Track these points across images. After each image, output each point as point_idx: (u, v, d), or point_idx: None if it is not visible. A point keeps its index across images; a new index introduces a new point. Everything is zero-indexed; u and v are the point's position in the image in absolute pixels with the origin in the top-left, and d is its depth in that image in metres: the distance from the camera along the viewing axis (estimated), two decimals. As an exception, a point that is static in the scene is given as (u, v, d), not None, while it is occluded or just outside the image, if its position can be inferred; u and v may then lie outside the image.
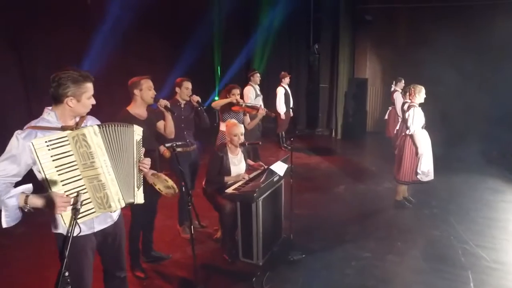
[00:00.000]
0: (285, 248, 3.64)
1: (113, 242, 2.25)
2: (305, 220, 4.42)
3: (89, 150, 1.90)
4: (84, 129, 1.90)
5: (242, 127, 3.63)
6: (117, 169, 2.01)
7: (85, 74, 1.99)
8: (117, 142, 2.03)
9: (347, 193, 5.36)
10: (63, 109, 1.97)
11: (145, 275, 3.28)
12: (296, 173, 6.21)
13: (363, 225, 4.25)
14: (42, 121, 1.95)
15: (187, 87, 3.77)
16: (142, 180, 2.23)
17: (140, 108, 3.07)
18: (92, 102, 2.04)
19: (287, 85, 7.55)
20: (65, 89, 1.92)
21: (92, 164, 1.92)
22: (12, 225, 1.76)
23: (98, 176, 1.93)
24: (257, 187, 3.14)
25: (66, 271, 1.62)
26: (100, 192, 1.96)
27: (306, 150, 7.84)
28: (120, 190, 2.01)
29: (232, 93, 4.43)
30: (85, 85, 1.98)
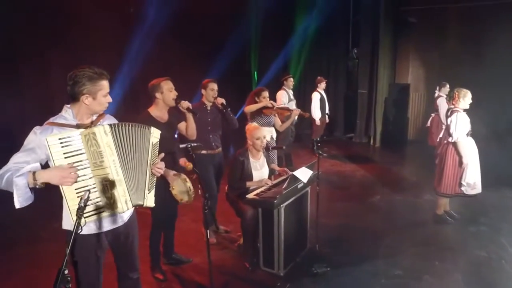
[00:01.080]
0: (310, 259, 3.45)
1: (125, 242, 2.23)
2: (334, 230, 4.18)
3: (99, 149, 1.88)
4: (95, 128, 1.89)
5: (264, 130, 3.51)
6: (127, 170, 1.97)
7: (100, 71, 1.99)
8: (130, 142, 2.00)
9: (383, 203, 5.01)
10: (80, 106, 1.98)
11: (164, 278, 3.25)
12: (329, 181, 6.01)
13: (398, 240, 3.92)
14: (59, 118, 1.98)
15: (212, 88, 3.73)
16: (154, 183, 2.19)
17: (161, 110, 3.05)
18: (108, 100, 2.04)
19: (323, 90, 7.33)
20: (80, 86, 1.93)
21: (101, 164, 1.90)
22: (24, 205, 1.76)
23: (107, 176, 1.91)
24: (278, 194, 3.00)
25: (66, 269, 1.60)
26: (108, 192, 1.93)
27: (342, 158, 7.53)
28: (128, 192, 1.96)
29: (263, 96, 4.35)
30: (101, 83, 1.98)
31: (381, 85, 8.37)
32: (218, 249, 3.82)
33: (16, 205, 1.75)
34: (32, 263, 3.47)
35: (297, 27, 9.27)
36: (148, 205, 2.11)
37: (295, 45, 9.47)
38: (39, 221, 4.14)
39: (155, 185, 2.81)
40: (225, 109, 3.72)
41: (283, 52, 9.64)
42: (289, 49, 9.61)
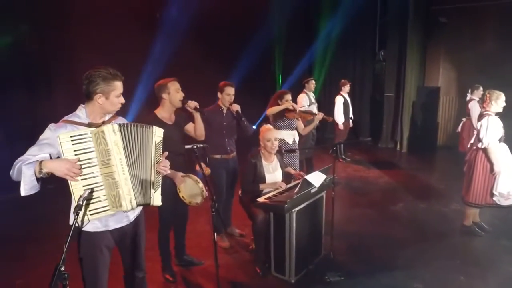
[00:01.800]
0: (323, 267, 3.31)
1: (131, 242, 2.24)
2: (351, 237, 4.02)
3: (107, 147, 1.91)
4: (104, 127, 1.92)
5: (276, 132, 3.42)
6: (133, 169, 2.00)
7: (114, 72, 2.02)
8: (136, 142, 2.02)
9: (405, 212, 4.76)
10: (93, 106, 2.02)
11: (174, 279, 3.24)
12: (351, 186, 5.81)
13: (419, 251, 3.69)
14: (73, 116, 2.03)
15: (229, 93, 3.65)
16: (160, 182, 2.19)
17: (168, 111, 3.02)
18: (121, 101, 2.07)
19: (346, 94, 7.13)
20: (94, 86, 1.97)
21: (108, 162, 1.93)
22: (29, 193, 1.79)
23: (113, 174, 1.94)
24: (289, 198, 2.91)
25: (63, 266, 1.61)
26: (114, 191, 1.95)
27: (366, 163, 7.27)
28: (133, 190, 1.98)
29: (285, 99, 4.27)
30: (114, 83, 2.01)
31: (409, 88, 8.02)
32: (231, 252, 3.77)
33: (21, 192, 1.78)
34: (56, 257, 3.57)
35: (322, 28, 9.11)
36: (154, 204, 2.13)
37: (320, 47, 9.31)
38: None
39: (163, 185, 2.82)
40: (240, 117, 3.62)
41: (308, 54, 9.51)
42: (314, 51, 9.47)
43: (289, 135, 4.38)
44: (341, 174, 6.53)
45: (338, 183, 5.95)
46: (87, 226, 2.01)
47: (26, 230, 4.28)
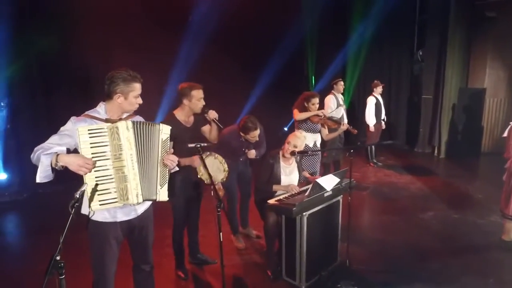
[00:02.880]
0: (337, 275, 3.18)
1: (139, 235, 2.30)
2: (372, 245, 3.82)
3: (119, 142, 2.01)
4: (119, 123, 2.02)
5: (302, 139, 3.33)
6: (142, 165, 2.08)
7: (134, 75, 2.13)
8: (147, 139, 2.10)
9: (435, 221, 4.44)
10: (112, 104, 2.13)
11: (186, 276, 3.28)
12: (378, 192, 5.55)
13: (447, 264, 3.42)
14: (93, 112, 2.14)
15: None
16: (167, 178, 2.23)
17: (187, 115, 3.04)
18: (138, 101, 2.17)
19: (379, 95, 6.82)
20: (115, 86, 2.08)
21: (119, 156, 2.02)
22: (43, 181, 1.88)
23: (123, 168, 2.03)
24: (299, 201, 2.82)
25: (58, 255, 1.66)
26: (122, 184, 2.04)
27: (398, 168, 6.90)
28: (140, 185, 2.07)
29: (312, 102, 4.19)
30: (133, 85, 2.11)
31: (449, 89, 7.50)
32: (245, 253, 3.74)
33: (37, 179, 1.89)
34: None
35: (355, 27, 8.81)
36: (160, 199, 2.19)
37: (353, 47, 9.01)
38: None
39: (177, 185, 2.85)
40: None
41: (341, 54, 9.25)
42: (347, 51, 9.19)
43: (311, 138, 4.27)
44: (370, 178, 6.27)
45: (366, 188, 5.73)
46: (97, 216, 2.10)
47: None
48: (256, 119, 3.44)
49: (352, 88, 9.42)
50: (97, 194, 1.99)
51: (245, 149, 3.66)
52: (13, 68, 5.26)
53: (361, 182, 6.06)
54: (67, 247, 1.70)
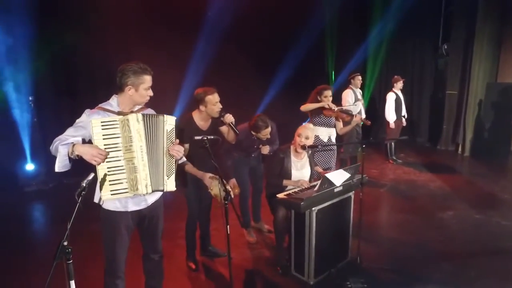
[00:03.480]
0: (347, 272, 3.14)
1: (148, 225, 2.37)
2: (386, 244, 3.75)
3: (130, 134, 2.07)
4: (129, 115, 2.08)
5: (311, 130, 3.29)
6: (151, 156, 2.14)
7: (144, 67, 2.18)
8: (155, 131, 2.16)
9: (454, 221, 4.28)
10: (124, 97, 2.19)
11: (196, 268, 3.34)
12: (395, 189, 5.43)
13: (463, 266, 3.30)
14: (106, 105, 2.21)
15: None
16: (173, 169, 2.27)
17: (204, 119, 3.07)
18: (149, 93, 2.22)
19: (399, 91, 6.63)
20: (126, 79, 2.15)
21: (130, 148, 2.08)
22: (61, 170, 1.99)
23: (133, 159, 2.09)
24: (307, 196, 2.80)
25: (66, 241, 1.74)
26: (132, 175, 2.10)
27: (419, 166, 6.70)
28: (149, 176, 2.12)
29: (324, 95, 4.12)
30: (143, 77, 2.17)
31: (475, 85, 7.18)
32: (256, 247, 3.76)
33: (55, 168, 1.99)
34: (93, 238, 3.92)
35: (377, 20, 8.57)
36: (168, 189, 2.23)
37: (375, 41, 8.78)
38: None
39: (189, 176, 2.88)
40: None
41: (362, 49, 9.04)
42: (368, 45, 8.97)
43: (325, 133, 4.20)
44: (388, 176, 6.13)
45: (383, 185, 5.61)
46: (108, 205, 2.18)
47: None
48: (267, 117, 3.42)
49: (372, 83, 9.20)
50: (109, 184, 2.07)
51: (257, 146, 3.67)
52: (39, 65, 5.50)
53: (379, 179, 5.94)
54: (81, 236, 1.77)
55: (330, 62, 9.78)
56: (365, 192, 5.09)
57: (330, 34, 9.24)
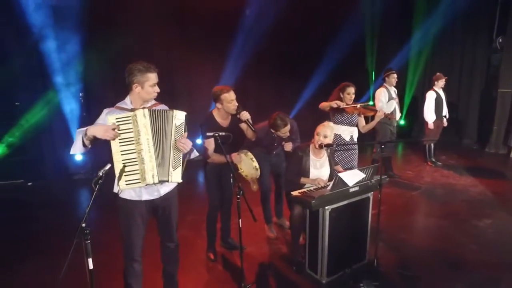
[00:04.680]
0: (362, 274, 3.09)
1: (162, 215, 2.55)
2: (409, 248, 3.62)
3: (137, 128, 2.26)
4: (137, 111, 2.26)
5: (330, 128, 3.27)
6: (157, 149, 2.30)
7: (148, 65, 2.35)
8: (162, 125, 2.31)
9: (491, 230, 3.99)
10: (133, 95, 2.38)
11: (215, 258, 3.49)
12: (430, 193, 5.19)
13: (491, 279, 3.09)
14: (122, 104, 2.42)
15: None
16: (180, 162, 2.41)
17: (223, 116, 3.20)
18: (156, 90, 2.38)
19: (441, 89, 6.26)
20: (132, 77, 2.33)
21: (138, 140, 2.27)
22: (76, 153, 2.25)
23: (141, 151, 2.27)
24: (319, 195, 2.81)
25: (84, 223, 1.95)
26: (141, 166, 2.28)
27: (460, 169, 6.29)
28: (156, 167, 2.29)
29: (347, 92, 4.06)
30: (147, 75, 2.33)
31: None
32: (275, 243, 3.83)
33: (71, 151, 2.24)
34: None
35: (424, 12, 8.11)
36: (173, 180, 2.38)
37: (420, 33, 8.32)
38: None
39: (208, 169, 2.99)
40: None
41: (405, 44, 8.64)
42: (413, 41, 8.53)
43: (347, 132, 4.13)
44: (424, 178, 5.85)
45: (417, 188, 5.38)
46: (125, 194, 2.39)
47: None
48: (286, 116, 3.46)
49: (415, 81, 8.76)
50: (124, 175, 2.26)
51: (277, 144, 3.72)
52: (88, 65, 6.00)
53: (413, 181, 5.69)
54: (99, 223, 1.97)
55: (370, 60, 9.45)
56: (395, 194, 5.07)
57: (371, 32, 8.93)
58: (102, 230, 3.88)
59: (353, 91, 4.03)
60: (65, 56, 5.85)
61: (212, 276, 3.24)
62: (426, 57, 8.47)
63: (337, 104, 3.93)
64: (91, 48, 5.87)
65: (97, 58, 5.94)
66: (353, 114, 4.07)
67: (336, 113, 4.15)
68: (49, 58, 5.77)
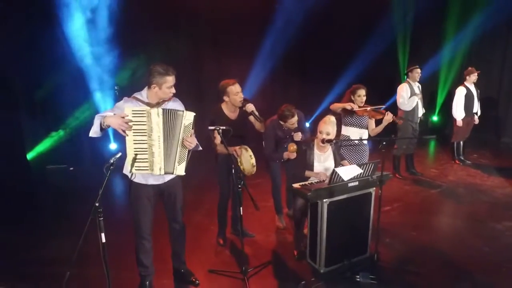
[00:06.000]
0: (360, 266, 3.17)
1: (168, 199, 2.85)
2: (414, 246, 3.63)
3: (151, 125, 2.54)
4: (152, 110, 2.54)
5: (332, 124, 3.34)
6: (166, 145, 2.58)
7: (167, 69, 2.60)
8: (173, 124, 2.58)
9: (508, 233, 3.85)
10: (151, 92, 2.66)
11: (224, 243, 3.74)
12: (451, 192, 5.10)
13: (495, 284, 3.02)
14: (138, 95, 2.70)
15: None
16: (185, 157, 2.67)
17: (230, 109, 3.40)
18: (172, 91, 2.65)
19: (472, 84, 5.98)
20: (152, 78, 2.60)
21: (150, 135, 2.55)
22: (93, 136, 2.53)
23: (152, 146, 2.56)
24: (316, 187, 2.93)
25: (97, 203, 2.25)
26: (151, 158, 2.58)
27: (490, 169, 6.00)
28: (164, 161, 2.58)
29: (358, 94, 4.10)
30: (165, 78, 2.60)
31: None
32: (282, 233, 4.00)
33: (90, 134, 2.55)
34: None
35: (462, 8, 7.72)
36: (177, 173, 2.67)
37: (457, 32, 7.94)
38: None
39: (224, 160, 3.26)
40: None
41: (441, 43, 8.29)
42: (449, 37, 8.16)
43: (356, 133, 4.17)
44: (448, 177, 5.68)
45: (438, 187, 5.26)
46: (136, 178, 2.69)
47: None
48: (293, 107, 3.58)
49: (451, 76, 8.36)
50: (135, 161, 2.56)
51: (289, 136, 3.86)
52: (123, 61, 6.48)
53: (436, 179, 5.55)
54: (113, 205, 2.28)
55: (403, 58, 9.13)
56: (413, 192, 5.03)
57: (403, 33, 8.64)
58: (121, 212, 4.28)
59: (363, 93, 4.05)
60: (107, 60, 6.39)
61: (218, 259, 3.48)
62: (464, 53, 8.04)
63: (351, 106, 3.98)
64: (125, 46, 6.34)
65: (132, 55, 6.40)
66: (363, 116, 4.10)
67: (346, 115, 4.21)
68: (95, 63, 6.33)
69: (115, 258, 3.06)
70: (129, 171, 2.60)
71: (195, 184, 5.21)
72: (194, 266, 3.23)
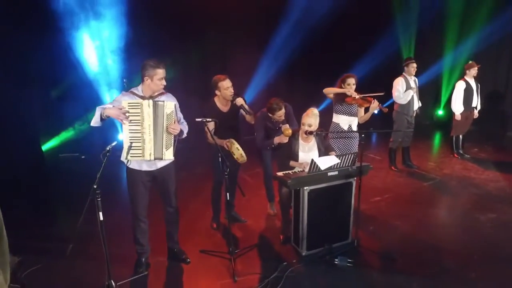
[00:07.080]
0: (340, 251, 3.39)
1: (161, 184, 3.14)
2: (395, 235, 3.81)
3: (143, 115, 2.83)
4: (144, 101, 2.83)
5: (314, 117, 3.52)
6: (155, 133, 2.87)
7: (158, 62, 2.88)
8: (158, 114, 2.85)
9: (490, 224, 3.97)
10: (144, 85, 2.94)
11: (217, 227, 4.03)
12: (442, 184, 5.24)
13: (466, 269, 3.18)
14: (135, 90, 2.99)
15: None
16: (172, 143, 2.95)
17: (222, 102, 3.66)
18: (163, 83, 2.93)
19: (472, 78, 6.01)
20: (144, 71, 2.88)
21: (142, 125, 2.84)
22: (94, 126, 2.81)
23: (144, 134, 2.85)
24: (295, 176, 3.16)
25: (96, 185, 2.55)
26: (142, 145, 2.87)
27: (489, 163, 6.05)
28: (153, 147, 2.87)
29: (347, 82, 4.25)
30: (156, 70, 2.87)
31: None
32: (272, 219, 4.25)
33: (91, 123, 2.84)
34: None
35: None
36: (166, 158, 2.95)
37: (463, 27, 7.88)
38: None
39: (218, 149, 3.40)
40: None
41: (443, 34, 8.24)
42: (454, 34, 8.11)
43: (346, 121, 4.32)
44: (443, 170, 5.78)
45: (431, 179, 5.37)
46: (131, 165, 2.99)
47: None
48: (281, 100, 3.78)
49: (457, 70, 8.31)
50: (130, 149, 2.84)
51: (278, 128, 4.07)
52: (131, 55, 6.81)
53: (430, 172, 5.67)
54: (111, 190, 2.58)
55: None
56: (405, 184, 5.20)
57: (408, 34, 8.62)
58: (119, 195, 4.62)
59: (353, 82, 4.20)
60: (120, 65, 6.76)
61: (210, 241, 3.77)
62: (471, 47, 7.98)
63: (350, 92, 4.11)
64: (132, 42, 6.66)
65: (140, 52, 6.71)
66: (352, 104, 4.25)
67: (337, 103, 4.37)
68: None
69: (116, 237, 3.40)
70: (125, 158, 2.89)
71: (199, 172, 5.53)
72: (188, 247, 3.52)
